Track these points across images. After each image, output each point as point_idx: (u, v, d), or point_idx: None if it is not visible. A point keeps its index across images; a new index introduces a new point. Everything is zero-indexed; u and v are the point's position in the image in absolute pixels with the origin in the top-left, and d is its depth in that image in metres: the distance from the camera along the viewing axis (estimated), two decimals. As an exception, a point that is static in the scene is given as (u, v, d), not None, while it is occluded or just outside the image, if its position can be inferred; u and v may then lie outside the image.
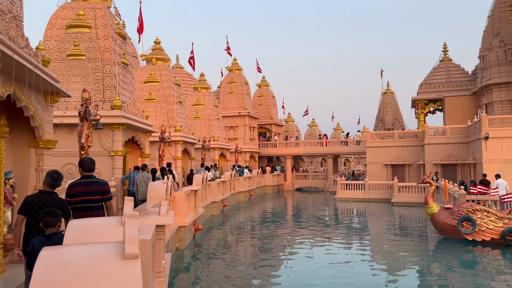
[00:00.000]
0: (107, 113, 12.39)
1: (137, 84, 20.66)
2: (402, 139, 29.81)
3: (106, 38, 13.45)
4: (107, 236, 3.32)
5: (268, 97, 43.73)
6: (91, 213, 5.68)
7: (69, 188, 5.77)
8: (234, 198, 26.46)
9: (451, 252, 12.38)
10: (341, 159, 54.92)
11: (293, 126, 52.51)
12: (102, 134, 12.56)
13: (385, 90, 44.40)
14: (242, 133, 37.12)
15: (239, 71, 39.06)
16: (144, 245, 4.95)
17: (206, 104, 29.43)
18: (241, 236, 15.93)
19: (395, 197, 25.60)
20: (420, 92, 37.01)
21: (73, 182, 5.91)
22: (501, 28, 30.24)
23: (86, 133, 10.18)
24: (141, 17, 23.64)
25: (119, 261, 2.39)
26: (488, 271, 10.41)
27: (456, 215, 13.47)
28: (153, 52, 22.17)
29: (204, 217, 18.09)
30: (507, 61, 29.59)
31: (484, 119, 20.98)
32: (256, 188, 32.41)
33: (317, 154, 40.93)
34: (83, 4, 14.03)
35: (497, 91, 29.85)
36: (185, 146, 21.44)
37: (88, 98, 9.95)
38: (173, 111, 20.61)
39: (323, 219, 20.97)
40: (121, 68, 13.85)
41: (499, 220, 12.85)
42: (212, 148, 28.11)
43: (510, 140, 20.19)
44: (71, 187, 5.77)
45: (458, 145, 26.01)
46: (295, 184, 39.70)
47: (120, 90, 13.47)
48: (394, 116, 42.79)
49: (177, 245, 12.45)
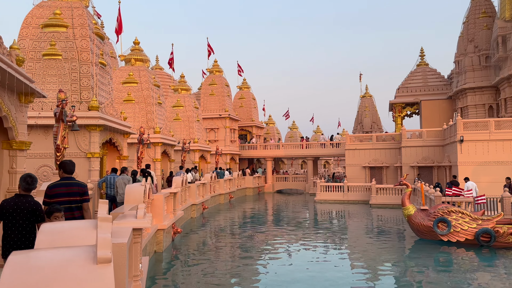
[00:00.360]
0: (84, 114, 12.17)
1: (116, 85, 20.37)
2: (380, 141, 30.28)
3: (84, 38, 13.23)
4: (80, 240, 3.25)
5: (249, 99, 43.77)
6: (73, 213, 5.77)
7: (48, 189, 5.79)
8: (214, 201, 26.35)
9: (427, 252, 12.63)
10: (321, 161, 55.38)
11: (274, 128, 52.69)
12: (79, 135, 12.33)
13: (364, 94, 45.03)
14: (223, 135, 37.03)
15: (220, 73, 38.98)
16: (119, 249, 4.87)
17: (186, 105, 29.24)
18: (221, 238, 15.86)
19: (373, 198, 25.96)
20: (397, 96, 37.70)
21: (52, 183, 5.93)
22: (476, 34, 31.11)
23: (62, 135, 9.97)
24: (120, 17, 23.34)
25: (91, 265, 2.34)
26: (462, 271, 10.65)
27: (432, 217, 13.74)
28: (132, 52, 21.90)
29: (184, 219, 17.94)
30: (481, 66, 30.43)
31: (459, 122, 21.50)
32: (237, 190, 32.34)
33: (298, 156, 41.18)
34: (60, 3, 13.76)
35: (472, 95, 30.67)
36: (164, 148, 21.24)
37: (64, 99, 9.76)
38: (152, 113, 20.40)
39: (303, 221, 21.08)
40: (98, 68, 13.63)
41: (473, 221, 13.17)
42: (192, 150, 27.93)
43: (484, 143, 20.75)
44: (50, 188, 5.80)
45: (434, 147, 26.57)
46: (275, 186, 39.81)
47: (97, 91, 13.25)
48: (372, 119, 43.42)
49: (155, 248, 12.31)
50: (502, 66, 27.57)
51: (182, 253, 13.09)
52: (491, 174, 20.08)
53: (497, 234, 12.80)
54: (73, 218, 5.74)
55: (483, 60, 30.33)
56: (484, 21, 30.84)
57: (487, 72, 30.08)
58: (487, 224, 12.99)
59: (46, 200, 5.65)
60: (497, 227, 12.86)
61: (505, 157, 20.32)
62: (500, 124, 20.87)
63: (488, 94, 30.09)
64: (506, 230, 12.74)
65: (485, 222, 13.05)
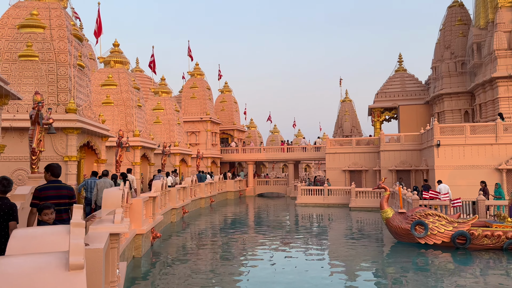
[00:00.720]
0: (61, 117, 11.92)
1: (94, 87, 20.05)
2: (360, 145, 30.66)
3: (61, 39, 12.99)
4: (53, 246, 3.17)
5: (230, 103, 43.72)
6: (61, 216, 5.88)
7: (38, 192, 5.87)
8: (195, 205, 26.17)
9: (405, 255, 12.82)
10: (302, 164, 55.68)
11: (255, 132, 52.73)
12: (55, 138, 12.07)
13: (344, 98, 45.55)
14: (204, 139, 36.86)
15: (201, 76, 38.84)
16: (96, 254, 4.79)
17: (167, 108, 29.00)
18: (201, 243, 15.75)
19: (352, 202, 26.24)
20: (376, 101, 38.30)
21: (41, 186, 6.02)
22: (452, 41, 31.91)
23: (37, 138, 9.76)
24: (100, 19, 23.05)
25: (63, 272, 2.28)
26: (439, 273, 10.84)
27: (409, 220, 13.96)
28: (112, 54, 21.60)
29: (163, 224, 17.75)
30: (457, 72, 31.21)
31: (436, 127, 21.96)
32: (218, 194, 32.21)
33: (279, 160, 41.32)
34: (37, 4, 13.48)
35: (448, 100, 31.41)
36: (144, 152, 21.00)
37: (41, 101, 9.56)
38: (132, 115, 20.15)
39: (284, 224, 21.13)
40: (76, 70, 13.40)
41: (449, 224, 13.45)
42: (173, 153, 27.69)
43: (460, 148, 21.24)
44: (40, 190, 5.89)
45: (412, 152, 27.07)
46: (256, 190, 39.82)
47: (75, 93, 13.02)
48: (352, 124, 43.94)
49: (134, 254, 12.13)
50: (477, 73, 28.33)
51: (161, 258, 12.94)
52: (466, 178, 20.55)
53: (472, 237, 13.10)
54: (61, 221, 5.83)
55: (459, 67, 31.13)
56: (460, 29, 31.67)
57: (463, 78, 30.87)
58: (462, 227, 13.28)
59: (36, 202, 5.74)
60: (472, 229, 13.16)
61: (480, 161, 20.83)
62: (475, 129, 21.41)
63: (464, 99, 30.87)
64: (481, 232, 13.05)
65: (461, 225, 13.34)
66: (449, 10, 32.86)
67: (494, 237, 12.94)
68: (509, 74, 24.62)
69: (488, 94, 26.65)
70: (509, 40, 25.28)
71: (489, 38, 26.52)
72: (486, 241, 13.01)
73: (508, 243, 12.78)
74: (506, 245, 12.79)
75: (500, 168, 20.36)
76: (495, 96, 25.63)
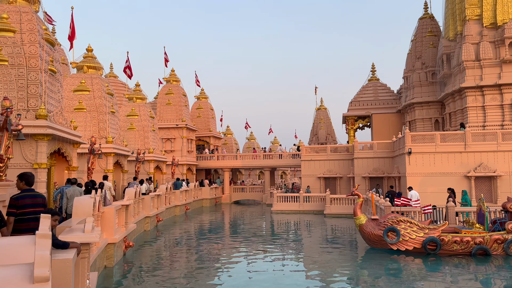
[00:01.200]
0: (30, 123, 11.61)
1: (66, 92, 19.63)
2: (334, 153, 31.07)
3: (32, 44, 12.68)
4: (19, 258, 3.08)
5: (206, 110, 43.58)
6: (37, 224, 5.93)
7: (15, 200, 5.87)
8: (170, 213, 25.85)
9: (378, 261, 13.01)
10: (278, 171, 55.92)
11: (232, 139, 52.70)
12: (25, 145, 11.74)
13: (319, 106, 46.15)
14: (180, 145, 36.55)
15: (177, 82, 38.59)
16: (64, 265, 4.68)
17: (141, 115, 28.63)
18: (175, 251, 15.54)
19: (327, 208, 26.50)
20: (350, 109, 38.99)
21: (18, 195, 6.02)
22: (423, 51, 32.90)
23: (6, 144, 9.46)
24: (73, 24, 22.66)
25: (28, 284, 2.21)
26: (411, 278, 11.06)
27: (382, 226, 14.20)
28: (85, 59, 21.21)
29: (136, 232, 17.44)
30: (428, 82, 32.17)
31: (408, 135, 22.51)
32: (193, 201, 31.93)
33: (255, 167, 41.36)
34: (7, 7, 13.12)
35: (419, 109, 32.29)
36: (117, 159, 20.64)
37: (9, 107, 9.28)
38: (105, 122, 19.80)
39: (259, 231, 21.12)
40: (48, 75, 13.09)
41: (421, 230, 13.74)
42: (147, 160, 27.32)
43: (430, 155, 21.81)
44: (17, 199, 5.89)
45: (385, 159, 27.62)
46: (233, 197, 39.69)
47: (46, 99, 12.71)
48: (327, 131, 44.52)
49: (106, 263, 11.86)
50: (447, 83, 29.26)
51: (134, 267, 12.70)
52: (437, 185, 21.10)
53: (442, 243, 13.41)
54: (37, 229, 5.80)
55: (430, 77, 32.10)
56: (430, 40, 32.71)
57: (434, 88, 31.84)
58: (433, 233, 13.59)
59: (13, 211, 5.74)
60: (442, 235, 13.48)
61: (449, 168, 21.45)
62: (445, 137, 22.05)
63: (434, 108, 31.81)
64: (451, 238, 13.39)
65: (431, 231, 13.65)
66: (420, 22, 33.91)
67: (463, 243, 13.30)
68: (476, 84, 25.54)
69: (457, 104, 27.54)
70: (476, 52, 26.25)
71: (457, 49, 27.47)
72: (456, 246, 13.36)
73: (477, 249, 13.16)
74: (474, 251, 13.16)
75: (469, 175, 21.01)
76: (463, 105, 26.51)
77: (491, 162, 20.96)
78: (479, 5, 26.63)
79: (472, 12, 26.75)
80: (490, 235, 13.24)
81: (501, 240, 13.17)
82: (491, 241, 13.18)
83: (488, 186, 21.01)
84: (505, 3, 25.82)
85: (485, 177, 21.02)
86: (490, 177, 20.94)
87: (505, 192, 19.99)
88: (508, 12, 25.69)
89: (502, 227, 13.43)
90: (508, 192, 19.72)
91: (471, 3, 26.81)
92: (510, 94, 25.13)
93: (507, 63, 25.35)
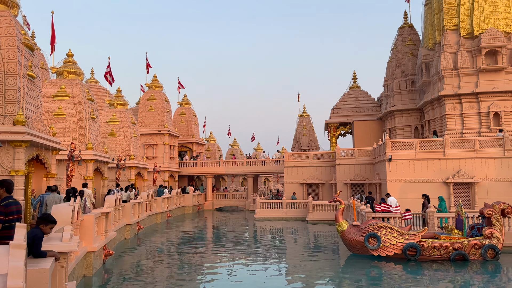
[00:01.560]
0: (8, 129, 11.35)
1: (46, 98, 19.27)
2: (317, 159, 31.28)
3: (11, 49, 12.42)
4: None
5: (189, 116, 43.37)
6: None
7: (4, 207, 5.83)
8: (151, 220, 25.53)
9: (359, 267, 13.11)
10: (261, 178, 55.94)
11: (215, 145, 52.53)
12: (2, 151, 11.45)
13: (302, 113, 46.49)
14: (162, 152, 36.23)
15: (159, 88, 38.34)
16: (41, 275, 4.57)
17: (123, 121, 28.30)
18: (156, 259, 15.34)
19: (310, 215, 26.60)
20: (332, 116, 39.41)
21: (6, 202, 5.98)
22: (403, 60, 33.55)
23: (-19, 151, 9.22)
24: (53, 28, 22.30)
25: (1, 296, 2.16)
26: (391, 284, 11.16)
27: (363, 232, 14.32)
28: (65, 65, 20.89)
29: (117, 240, 17.17)
30: (408, 90, 32.79)
31: (388, 142, 22.84)
32: (175, 208, 31.62)
33: (238, 173, 41.28)
34: (-16, 11, 12.84)
35: (399, 117, 32.86)
36: (97, 165, 20.31)
37: (-15, 113, 9.07)
38: (85, 128, 19.50)
39: (242, 238, 21.04)
40: (26, 81, 12.83)
41: (401, 236, 13.91)
42: (128, 167, 26.95)
43: (410, 162, 22.16)
44: (6, 206, 5.86)
45: (366, 165, 27.94)
46: (215, 204, 39.48)
47: (24, 105, 12.45)
48: (309, 138, 44.83)
49: (85, 272, 11.62)
50: (426, 91, 29.87)
51: (113, 276, 12.48)
52: (416, 191, 21.39)
53: (422, 248, 13.61)
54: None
55: (409, 85, 32.73)
56: (410, 49, 33.39)
57: (413, 96, 32.46)
58: (413, 238, 13.77)
59: (1, 218, 5.69)
60: (422, 241, 13.68)
61: (429, 175, 21.81)
62: (425, 144, 22.45)
63: (414, 116, 32.40)
64: (430, 244, 13.60)
65: (411, 237, 13.83)
66: (400, 31, 34.61)
67: (442, 248, 13.53)
68: (454, 93, 26.14)
69: (436, 111, 28.11)
70: (454, 61, 26.90)
71: (436, 58, 28.10)
72: (435, 252, 13.57)
73: (455, 254, 13.39)
74: (453, 256, 13.39)
75: (448, 182, 21.40)
76: (442, 113, 27.08)
77: (469, 168, 21.41)
78: (456, 16, 27.34)
79: (450, 22, 27.44)
80: (468, 241, 13.50)
81: (478, 245, 13.44)
82: (469, 247, 13.44)
83: (466, 192, 21.44)
84: (481, 14, 26.57)
85: (463, 184, 21.45)
86: (468, 184, 21.38)
87: (482, 198, 20.42)
88: (484, 23, 26.44)
89: (480, 232, 13.71)
90: (485, 198, 20.15)
91: (449, 13, 27.51)
92: (487, 102, 25.80)
93: (484, 72, 26.05)
